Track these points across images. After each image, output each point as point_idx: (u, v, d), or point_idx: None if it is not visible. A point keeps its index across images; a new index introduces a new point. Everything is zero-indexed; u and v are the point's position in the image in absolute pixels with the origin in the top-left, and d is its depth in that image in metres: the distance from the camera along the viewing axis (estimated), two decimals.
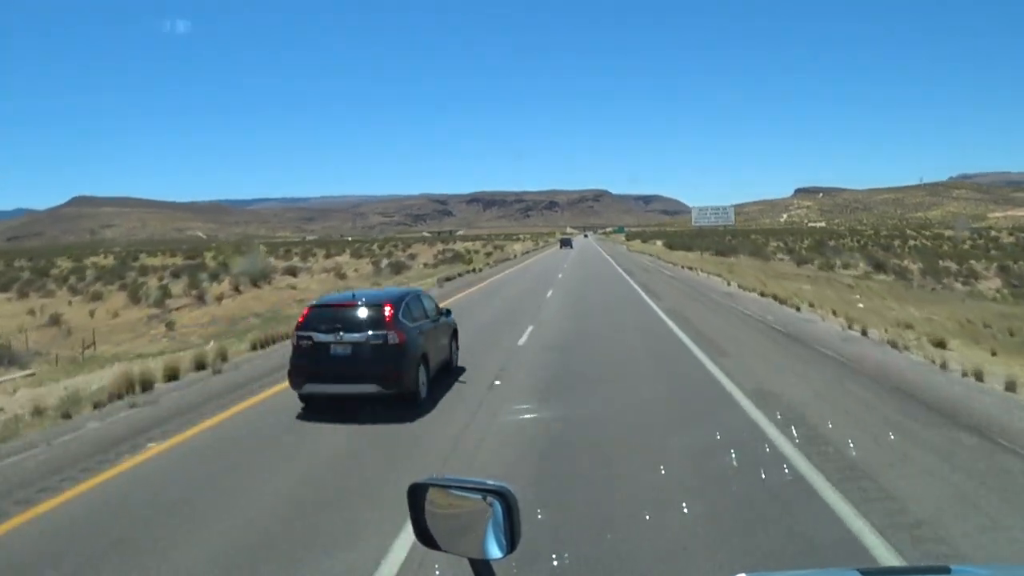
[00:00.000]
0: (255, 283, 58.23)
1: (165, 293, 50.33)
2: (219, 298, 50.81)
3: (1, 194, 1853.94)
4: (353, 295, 10.63)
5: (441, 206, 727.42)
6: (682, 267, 43.24)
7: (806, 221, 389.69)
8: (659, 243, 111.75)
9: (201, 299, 49.69)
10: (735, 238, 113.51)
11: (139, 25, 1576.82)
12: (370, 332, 9.63)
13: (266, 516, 5.94)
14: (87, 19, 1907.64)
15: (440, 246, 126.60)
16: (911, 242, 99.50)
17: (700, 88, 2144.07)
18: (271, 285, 58.04)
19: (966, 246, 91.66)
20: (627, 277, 35.06)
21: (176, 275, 65.74)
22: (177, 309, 46.59)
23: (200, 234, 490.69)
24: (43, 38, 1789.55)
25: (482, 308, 22.13)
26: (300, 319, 10.13)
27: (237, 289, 55.37)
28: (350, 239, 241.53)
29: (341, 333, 9.65)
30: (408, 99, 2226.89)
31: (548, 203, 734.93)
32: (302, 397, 9.94)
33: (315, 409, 9.62)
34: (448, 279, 37.27)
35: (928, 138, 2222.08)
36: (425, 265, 74.92)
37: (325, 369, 9.60)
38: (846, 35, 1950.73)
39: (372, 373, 9.44)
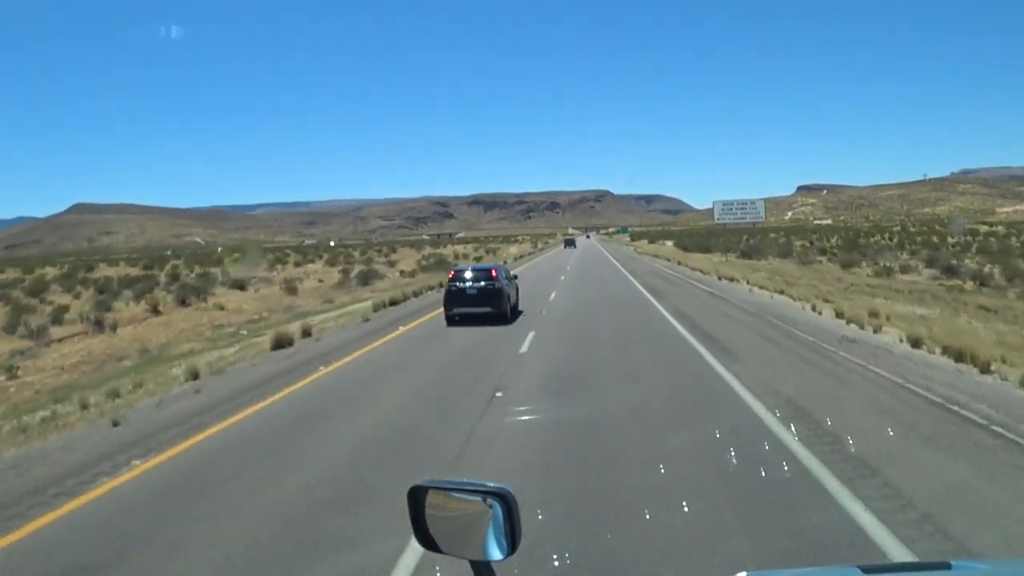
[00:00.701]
0: (183, 301, 46.96)
1: (55, 319, 38.98)
2: (125, 323, 39.62)
3: (3, 202, 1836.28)
4: (476, 267, 21.83)
5: (442, 208, 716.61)
6: (719, 277, 31.81)
7: (811, 219, 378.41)
8: (669, 244, 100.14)
9: (100, 325, 38.19)
10: (752, 237, 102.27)
11: (138, 29, 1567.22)
12: (484, 282, 19.66)
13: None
14: (86, 26, 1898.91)
15: (429, 250, 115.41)
16: (951, 239, 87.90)
17: (701, 87, 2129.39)
18: (205, 303, 46.86)
19: (1015, 243, 79.96)
20: (653, 300, 23.40)
21: (102, 291, 54.55)
22: (59, 340, 35.28)
23: (199, 240, 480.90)
24: (44, 44, 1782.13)
25: (370, 403, 10.31)
26: (450, 276, 20.87)
27: (156, 310, 44.13)
28: (332, 244, 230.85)
29: (470, 282, 19.71)
30: (409, 101, 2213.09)
31: (549, 204, 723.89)
32: (449, 316, 19.36)
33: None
34: (392, 303, 25.68)
35: (929, 134, 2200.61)
36: (402, 273, 63.70)
37: (464, 300, 19.37)
38: (845, 33, 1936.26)
39: (487, 302, 19.27)
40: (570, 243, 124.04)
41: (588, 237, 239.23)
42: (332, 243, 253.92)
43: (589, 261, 56.53)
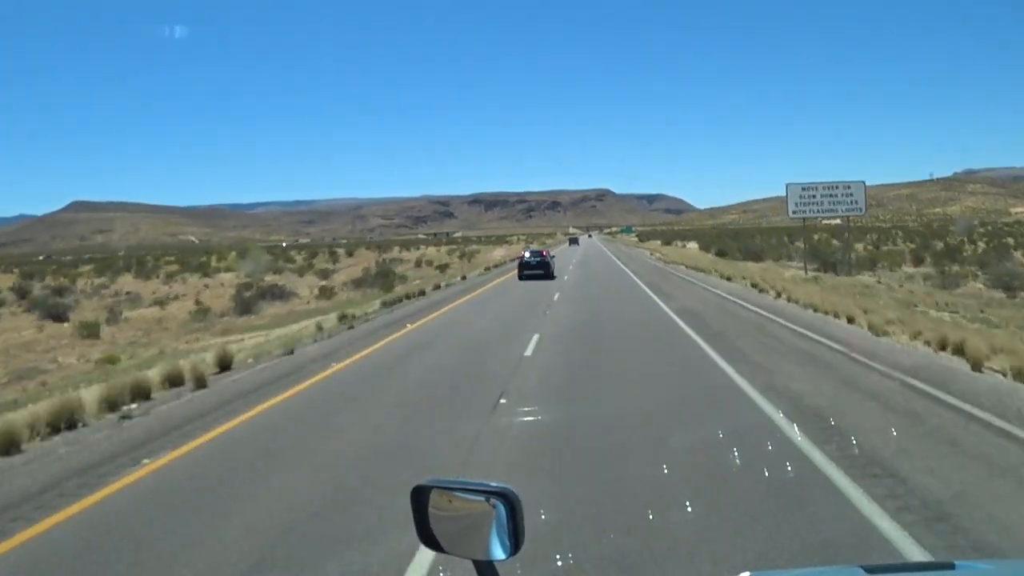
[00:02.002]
0: None
1: None
2: None
3: (5, 200, 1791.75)
4: (533, 250, 41.48)
5: (443, 207, 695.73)
6: (971, 365, 10.77)
7: (818, 219, 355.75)
8: (691, 245, 78.83)
9: None
10: (793, 240, 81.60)
11: (140, 29, 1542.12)
12: (538, 259, 35.72)
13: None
14: (89, 25, 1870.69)
15: (395, 252, 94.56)
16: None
17: (703, 86, 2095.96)
18: None
19: None
20: None
21: None
22: None
23: (193, 239, 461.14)
24: (45, 43, 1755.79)
25: None
26: (520, 256, 39.29)
27: None
28: (284, 244, 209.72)
29: (530, 258, 36.09)
30: (411, 101, 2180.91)
31: (551, 203, 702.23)
32: (520, 276, 34.59)
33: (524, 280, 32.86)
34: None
35: (928, 135, 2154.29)
36: (322, 291, 42.83)
37: (528, 268, 34.78)
38: (844, 33, 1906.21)
39: (541, 269, 34.56)
40: (574, 241, 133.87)
41: (590, 236, 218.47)
42: (284, 244, 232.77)
43: (592, 280, 35.11)
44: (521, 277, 34.32)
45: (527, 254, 37.77)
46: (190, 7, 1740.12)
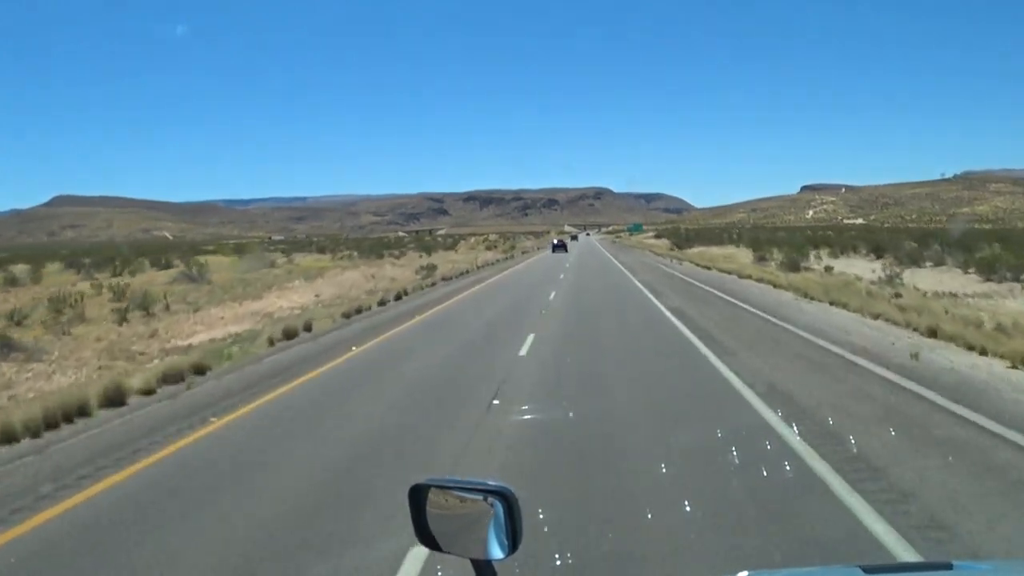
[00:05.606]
0: None
1: None
2: None
3: None
4: (559, 238, 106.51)
5: (437, 204, 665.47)
6: None
7: (838, 218, 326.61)
8: (931, 280, 45.63)
9: None
10: (886, 237, 50.34)
11: (137, 27, 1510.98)
12: (564, 240, 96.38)
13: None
14: (88, 24, 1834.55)
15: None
16: None
17: (704, 85, 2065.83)
18: None
19: None
20: None
21: None
22: None
23: (167, 235, 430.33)
24: (39, 38, 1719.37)
25: None
26: (554, 240, 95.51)
27: None
28: (272, 238, 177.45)
29: (557, 242, 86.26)
30: (405, 99, 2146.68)
31: (547, 201, 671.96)
32: (553, 250, 78.98)
33: (553, 254, 73.38)
34: None
35: (932, 134, 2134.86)
36: None
37: (555, 247, 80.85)
38: (843, 32, 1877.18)
39: (562, 248, 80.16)
40: (575, 238, 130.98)
41: (588, 235, 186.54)
42: (273, 239, 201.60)
43: None
44: (553, 250, 73.61)
45: (555, 240, 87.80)
46: (184, 4, 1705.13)
